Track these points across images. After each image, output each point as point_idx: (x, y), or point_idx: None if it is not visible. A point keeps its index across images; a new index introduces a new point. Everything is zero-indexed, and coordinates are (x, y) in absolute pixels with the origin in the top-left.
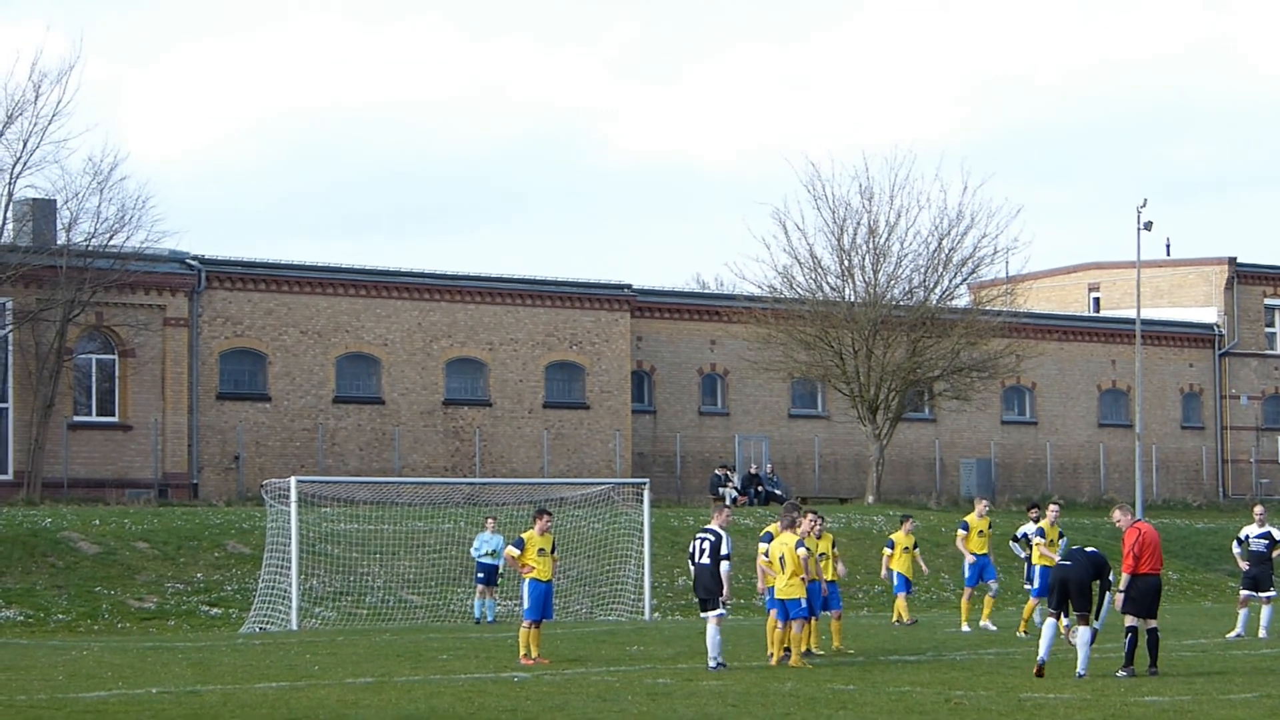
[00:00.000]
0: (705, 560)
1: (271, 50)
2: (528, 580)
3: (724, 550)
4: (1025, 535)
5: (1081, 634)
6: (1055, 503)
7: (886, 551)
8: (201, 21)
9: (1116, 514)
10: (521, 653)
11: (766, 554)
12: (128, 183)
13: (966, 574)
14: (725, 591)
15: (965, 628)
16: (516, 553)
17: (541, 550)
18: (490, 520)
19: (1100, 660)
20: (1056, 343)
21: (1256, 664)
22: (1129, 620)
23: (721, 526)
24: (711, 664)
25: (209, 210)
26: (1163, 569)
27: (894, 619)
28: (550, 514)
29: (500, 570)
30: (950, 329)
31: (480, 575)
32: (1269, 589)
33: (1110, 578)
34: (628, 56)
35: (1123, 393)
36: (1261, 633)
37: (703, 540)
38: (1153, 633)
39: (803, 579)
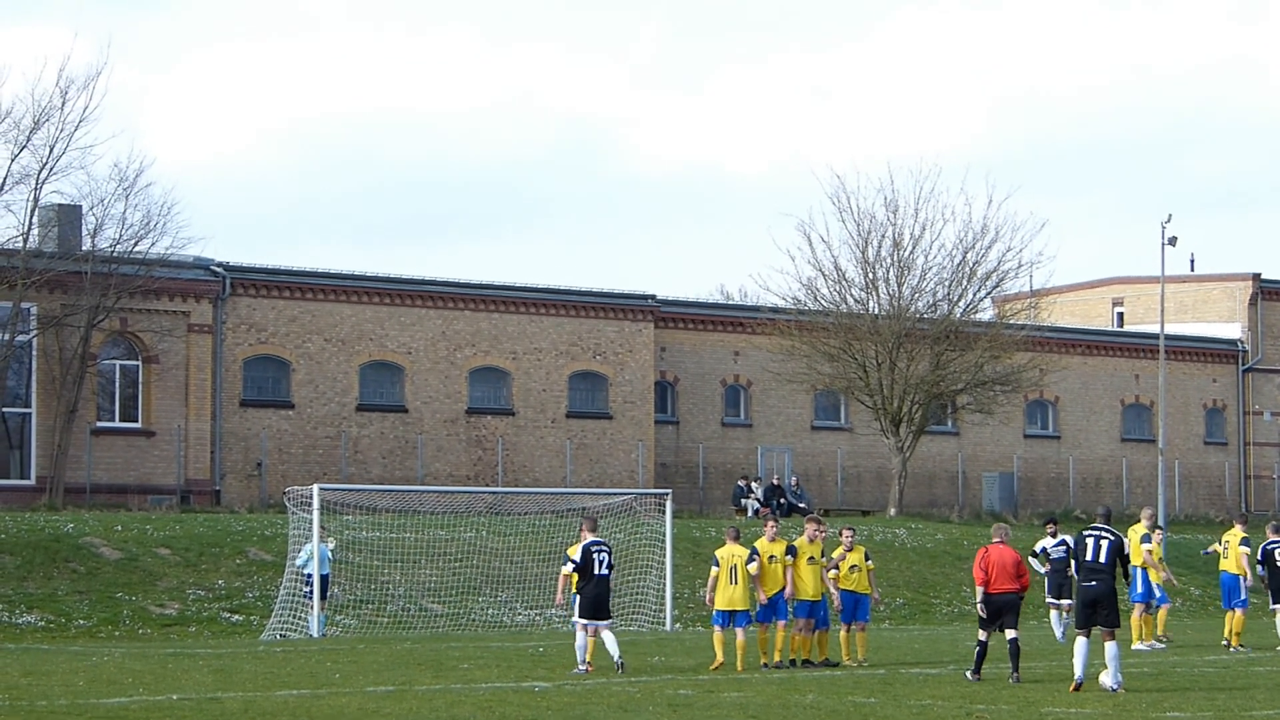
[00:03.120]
0: (605, 571)
1: (297, 57)
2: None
3: (612, 562)
4: (1044, 550)
5: (1109, 649)
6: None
7: (1245, 551)
8: (228, 27)
9: (995, 532)
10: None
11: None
12: (153, 189)
13: (1139, 590)
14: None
15: (1140, 645)
16: (569, 570)
17: None
18: (321, 528)
19: (1130, 675)
20: (1080, 357)
21: (1279, 680)
22: (980, 635)
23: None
24: (620, 664)
25: (234, 216)
26: (1017, 587)
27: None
28: (595, 520)
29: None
30: (974, 342)
31: (307, 590)
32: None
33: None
34: (653, 65)
35: (1146, 408)
36: None
37: (600, 552)
38: (1013, 642)
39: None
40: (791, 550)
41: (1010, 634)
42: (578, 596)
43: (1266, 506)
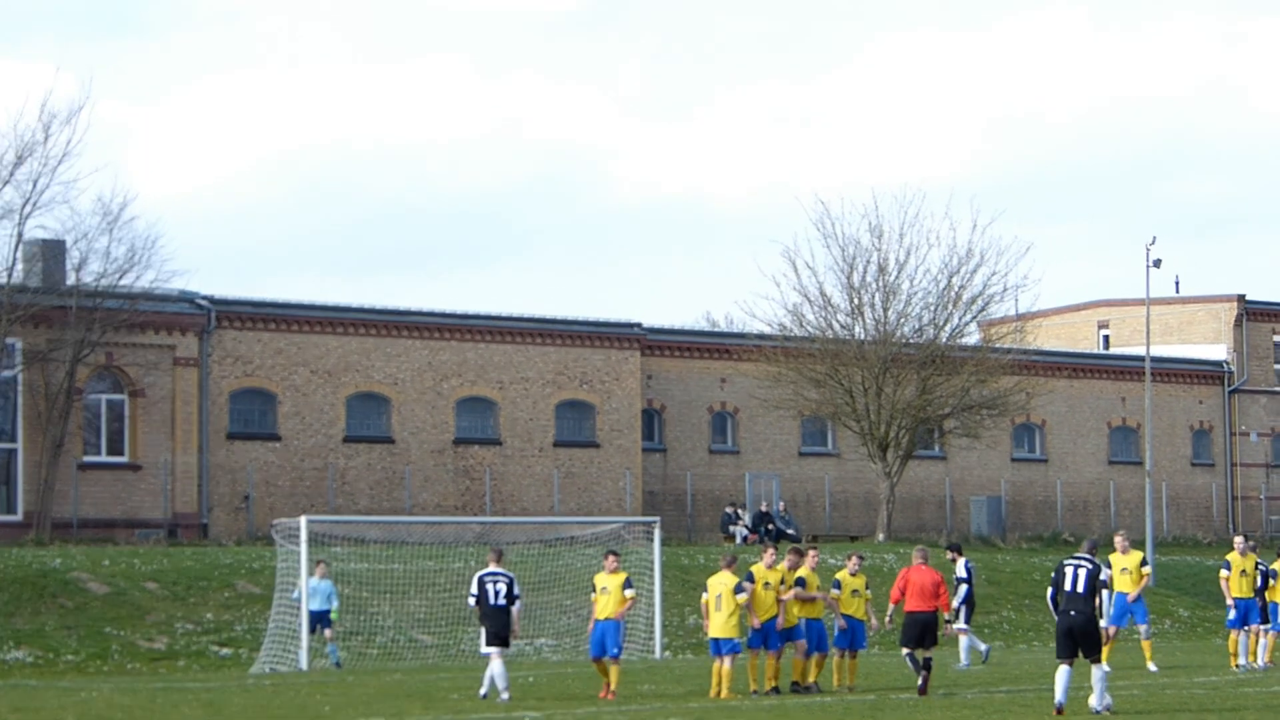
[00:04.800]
0: (502, 601)
1: (281, 88)
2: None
3: (515, 592)
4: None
5: (1095, 672)
6: (1242, 534)
7: (1224, 574)
8: (211, 59)
9: (914, 554)
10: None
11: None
12: (137, 222)
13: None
14: (515, 630)
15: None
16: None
17: (604, 589)
18: (320, 564)
19: (1119, 697)
20: (1066, 380)
21: (1268, 701)
22: (905, 650)
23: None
24: (505, 696)
25: (219, 249)
26: (937, 607)
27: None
28: (617, 554)
29: (332, 612)
30: (960, 367)
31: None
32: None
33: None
34: (638, 94)
35: (1133, 430)
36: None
37: (496, 582)
38: (928, 660)
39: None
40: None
41: (924, 655)
42: (482, 626)
43: (1254, 527)
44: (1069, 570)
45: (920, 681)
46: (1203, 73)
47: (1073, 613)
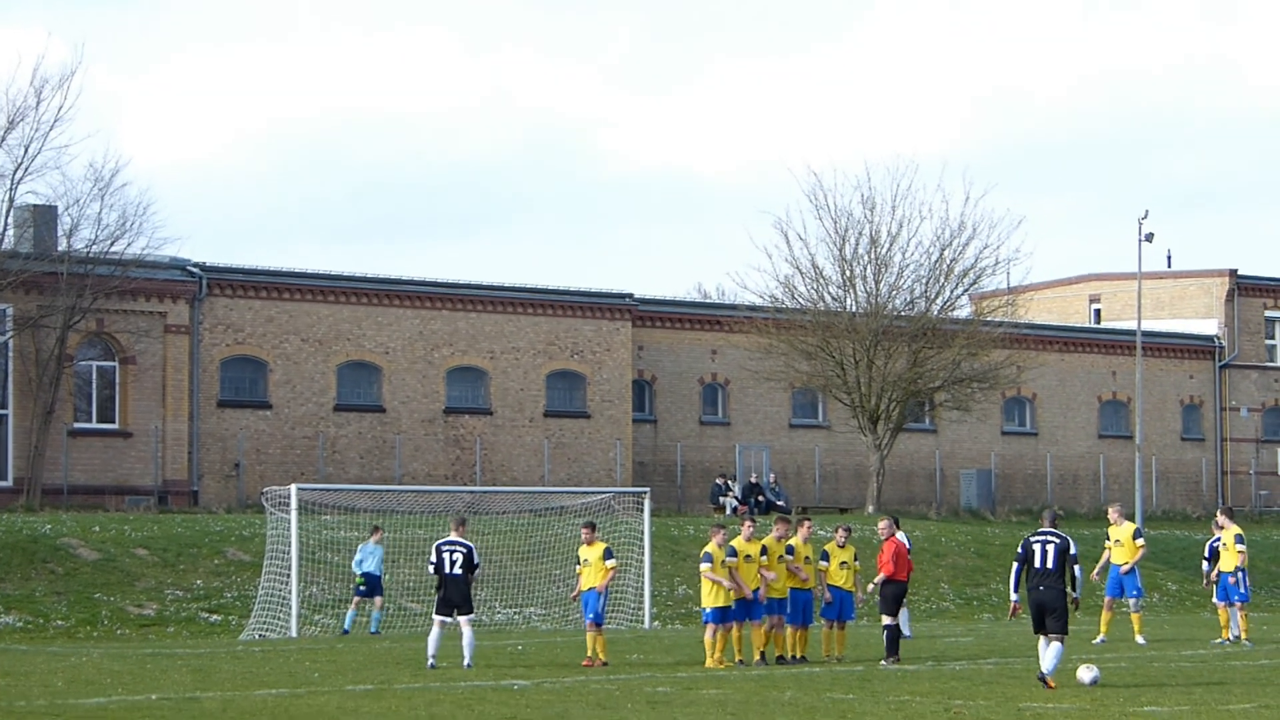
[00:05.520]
0: (459, 571)
1: (274, 58)
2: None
3: (475, 561)
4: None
5: (1055, 648)
6: (1226, 508)
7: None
8: (204, 28)
9: (881, 523)
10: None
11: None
12: (129, 189)
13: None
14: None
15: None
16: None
17: (586, 561)
18: (378, 531)
19: (1107, 670)
20: (1057, 354)
21: (1255, 674)
22: (886, 619)
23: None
24: (432, 661)
25: (210, 217)
26: (906, 575)
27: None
28: (593, 526)
29: (382, 579)
30: (951, 339)
31: (362, 588)
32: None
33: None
34: (629, 66)
35: (1123, 404)
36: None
37: (454, 552)
38: (898, 627)
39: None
40: (764, 550)
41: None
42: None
43: (1243, 502)
44: (1037, 547)
45: (897, 652)
46: (1196, 47)
47: (1042, 588)
